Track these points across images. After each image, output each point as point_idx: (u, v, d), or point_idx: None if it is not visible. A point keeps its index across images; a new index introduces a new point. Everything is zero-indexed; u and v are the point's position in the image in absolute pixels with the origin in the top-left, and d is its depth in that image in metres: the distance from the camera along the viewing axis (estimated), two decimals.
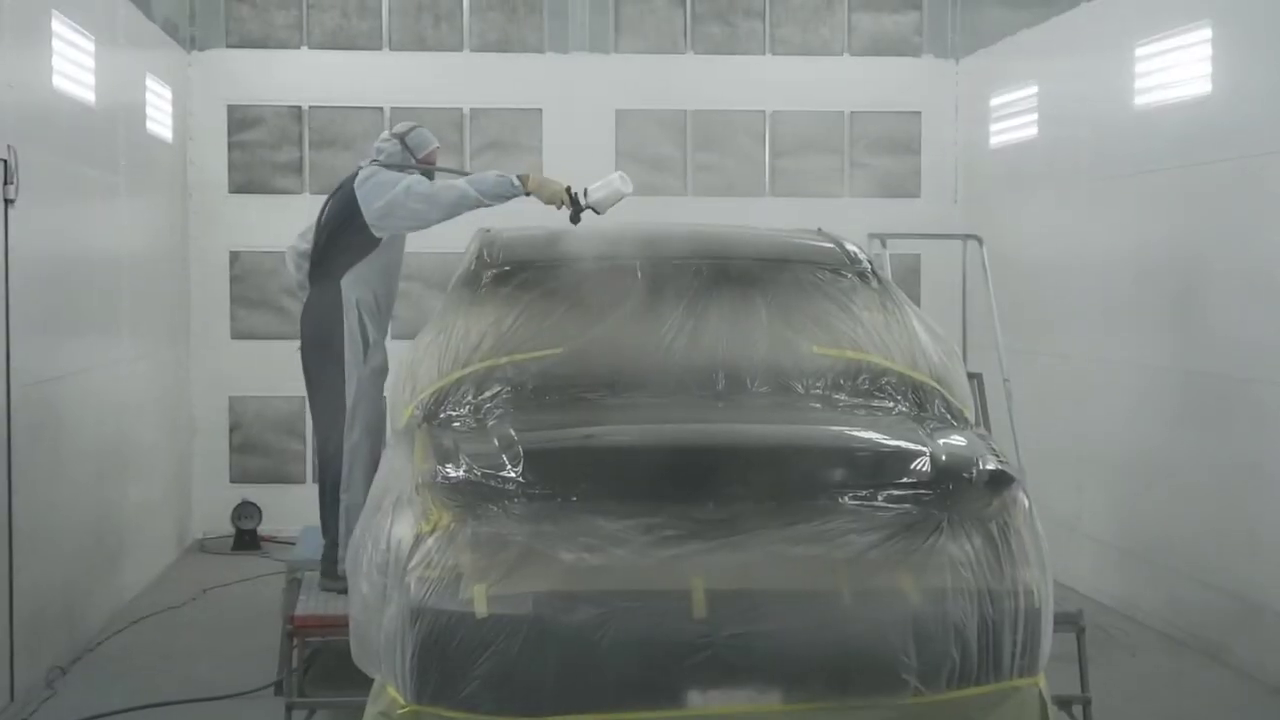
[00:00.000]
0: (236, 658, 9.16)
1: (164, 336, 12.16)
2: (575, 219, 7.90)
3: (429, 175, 8.34)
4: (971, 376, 8.36)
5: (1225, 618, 9.17)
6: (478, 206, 8.01)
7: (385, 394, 8.09)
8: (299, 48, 13.34)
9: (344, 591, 7.27)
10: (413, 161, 8.33)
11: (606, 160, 13.15)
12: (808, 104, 13.57)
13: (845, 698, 5.45)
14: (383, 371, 8.25)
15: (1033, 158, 12.02)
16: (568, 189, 7.94)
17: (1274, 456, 8.68)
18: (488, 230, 7.57)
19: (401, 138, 8.39)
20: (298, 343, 8.53)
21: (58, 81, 9.29)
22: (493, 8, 13.41)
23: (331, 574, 8.08)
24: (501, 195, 7.98)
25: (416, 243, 9.37)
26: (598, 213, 7.89)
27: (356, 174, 8.30)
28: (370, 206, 8.09)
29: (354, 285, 8.14)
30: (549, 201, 7.99)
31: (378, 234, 8.13)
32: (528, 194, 8.00)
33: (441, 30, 13.40)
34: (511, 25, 13.43)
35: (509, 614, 5.33)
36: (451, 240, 8.56)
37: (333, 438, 8.19)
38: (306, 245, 8.42)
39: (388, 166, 8.26)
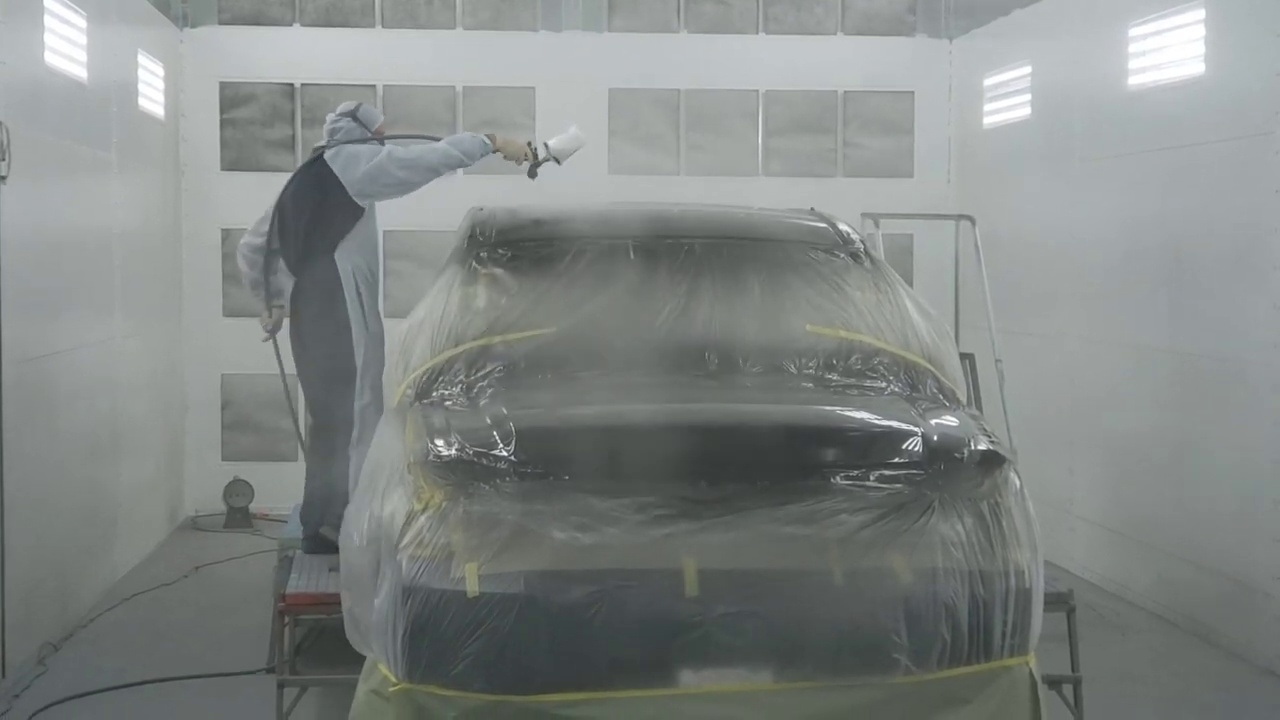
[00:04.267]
0: (228, 635, 9.17)
1: (156, 314, 12.15)
2: (533, 173, 8.57)
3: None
4: (964, 357, 8.38)
5: (1216, 598, 9.20)
6: (459, 166, 8.53)
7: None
8: (291, 25, 13.31)
9: (330, 552, 7.44)
10: (369, 134, 8.59)
11: (599, 140, 13.15)
12: (801, 83, 13.54)
13: (836, 677, 5.47)
14: (381, 338, 8.49)
15: (1026, 138, 12.02)
16: (529, 143, 8.55)
17: (1264, 437, 8.70)
18: (480, 208, 7.56)
19: (353, 114, 8.64)
20: (264, 335, 8.84)
21: (50, 58, 9.27)
22: None
23: (314, 542, 8.20)
24: (477, 154, 8.45)
25: (408, 220, 9.39)
26: (558, 162, 8.58)
27: (317, 158, 8.49)
28: (351, 177, 8.33)
29: (347, 256, 8.37)
30: (512, 157, 8.58)
31: (361, 202, 8.37)
32: (496, 151, 8.52)
33: (434, 7, 13.37)
34: (504, 3, 13.40)
35: (500, 593, 5.34)
36: (443, 218, 8.57)
37: (340, 407, 8.30)
38: (259, 239, 8.53)
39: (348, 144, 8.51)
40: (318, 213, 8.33)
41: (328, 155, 8.38)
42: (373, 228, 8.56)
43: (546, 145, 8.54)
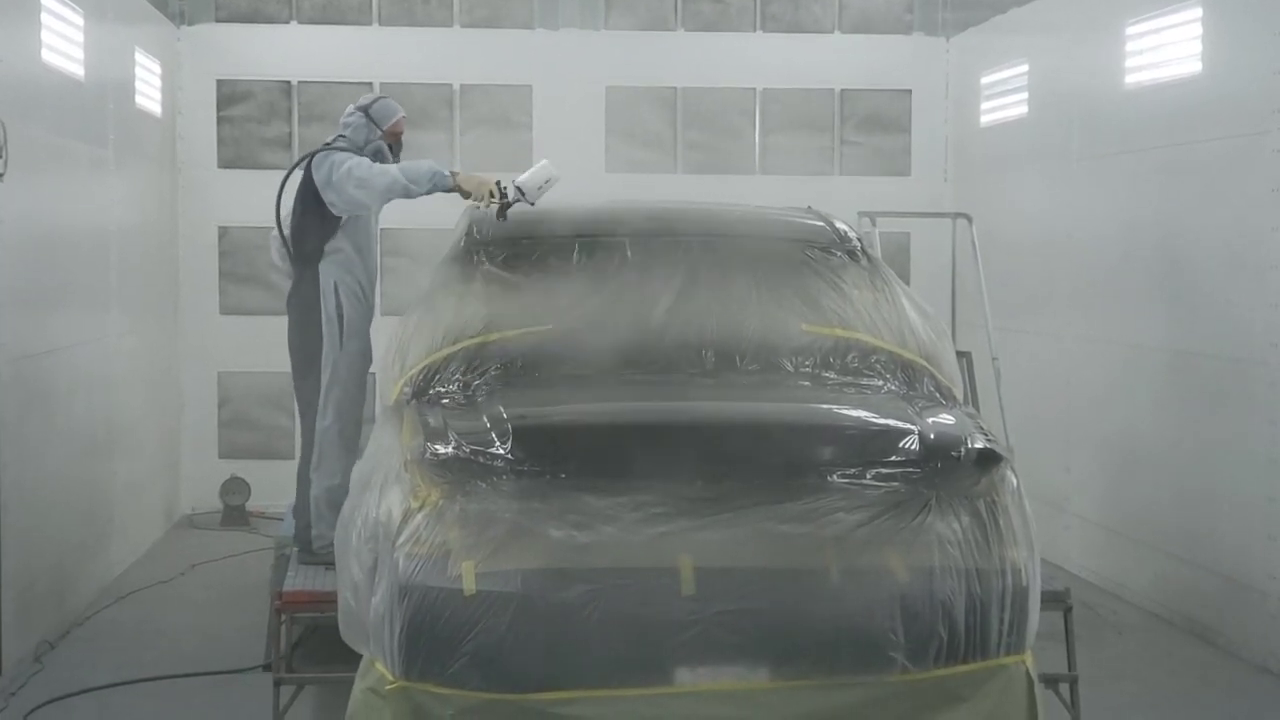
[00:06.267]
0: (225, 633, 9.17)
1: (153, 311, 12.14)
2: (502, 215, 7.55)
3: (394, 150, 8.26)
4: (960, 355, 8.39)
5: (1212, 597, 9.20)
6: (405, 195, 7.85)
7: (371, 373, 8.07)
8: (288, 22, 13.31)
9: (325, 564, 7.32)
10: (379, 133, 8.20)
11: (597, 136, 13.18)
12: (798, 81, 13.55)
13: (833, 675, 5.47)
14: (361, 356, 8.18)
15: (1023, 136, 12.02)
16: (497, 182, 7.67)
17: (1260, 435, 8.70)
18: (478, 206, 7.55)
19: (365, 109, 8.25)
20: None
21: (47, 55, 9.26)
22: None
23: (308, 549, 8.09)
24: (431, 185, 7.78)
25: (405, 219, 9.33)
26: (530, 203, 7.63)
27: (315, 153, 8.19)
28: (320, 185, 8.02)
29: (331, 268, 8.09)
30: (477, 197, 7.69)
31: (337, 213, 8.05)
32: (457, 188, 7.75)
33: (431, 5, 13.37)
34: (501, 1, 13.39)
35: (497, 591, 5.34)
36: (440, 216, 8.54)
37: (311, 424, 8.19)
38: (285, 232, 8.39)
39: (352, 140, 8.15)
40: (304, 215, 8.12)
41: (316, 158, 8.08)
42: (363, 239, 8.25)
43: (515, 185, 7.65)
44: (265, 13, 13.29)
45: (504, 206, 7.55)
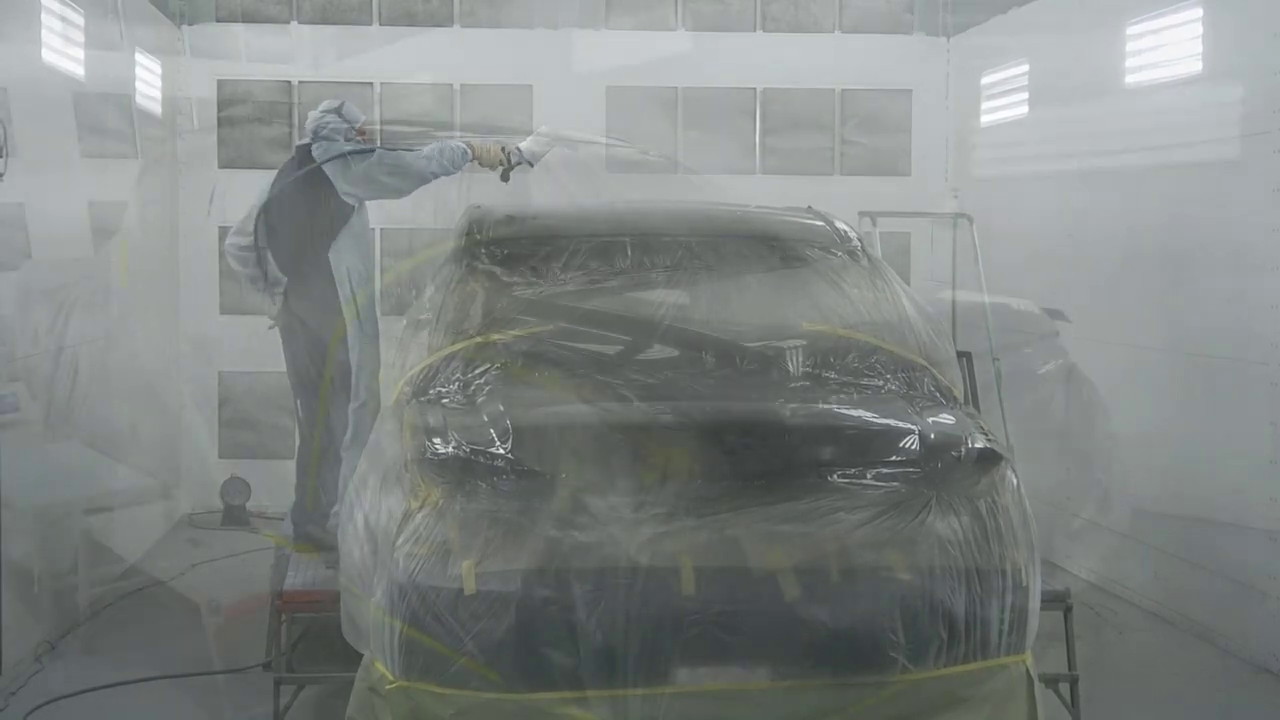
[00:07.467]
0: (225, 633, 9.15)
1: (153, 311, 12.13)
2: (505, 177, 8.42)
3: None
4: (961, 355, 8.38)
5: (1213, 597, 9.19)
6: (444, 174, 8.35)
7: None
8: (289, 22, 13.30)
9: (327, 549, 7.38)
10: (354, 131, 8.53)
11: (597, 137, 13.15)
12: (799, 82, 13.53)
13: (833, 675, 5.47)
14: (376, 337, 8.43)
15: (1023, 136, 12.01)
16: (502, 148, 8.44)
17: (1262, 436, 8.69)
18: (478, 207, 7.56)
19: (337, 112, 8.56)
20: (269, 323, 8.70)
21: (47, 56, 9.26)
22: None
23: (320, 526, 8.18)
24: (461, 164, 8.37)
25: (405, 218, 9.32)
26: (531, 164, 8.43)
27: (300, 156, 8.43)
28: (340, 176, 8.25)
29: (341, 257, 8.30)
30: (487, 164, 8.45)
31: (352, 202, 8.30)
32: (474, 159, 8.43)
33: (431, 5, 13.36)
34: (502, 1, 13.38)
35: (497, 590, 5.34)
36: (441, 216, 8.56)
37: (334, 409, 8.29)
38: (246, 239, 8.46)
39: (331, 140, 8.44)
40: (309, 212, 8.27)
41: (316, 153, 8.30)
42: (364, 227, 8.51)
43: (519, 149, 8.49)
44: (266, 12, 13.28)
45: (506, 170, 8.41)
